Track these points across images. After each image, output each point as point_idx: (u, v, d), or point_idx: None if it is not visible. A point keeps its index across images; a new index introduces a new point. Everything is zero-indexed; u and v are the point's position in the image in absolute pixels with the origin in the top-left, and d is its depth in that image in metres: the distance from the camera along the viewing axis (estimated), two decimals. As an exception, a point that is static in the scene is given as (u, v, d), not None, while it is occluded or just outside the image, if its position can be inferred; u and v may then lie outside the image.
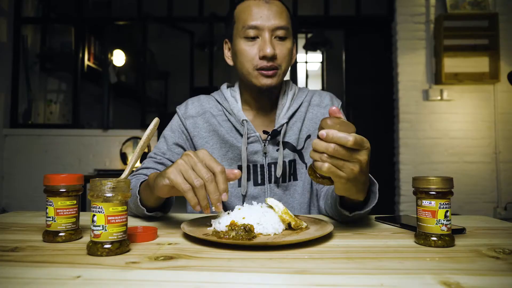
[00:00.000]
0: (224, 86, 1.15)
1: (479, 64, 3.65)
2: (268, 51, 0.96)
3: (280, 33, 0.99)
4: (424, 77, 3.69)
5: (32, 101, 4.10)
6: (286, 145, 1.07)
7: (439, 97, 3.64)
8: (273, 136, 1.05)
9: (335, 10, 4.07)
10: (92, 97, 4.56)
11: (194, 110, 1.11)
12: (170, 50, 5.21)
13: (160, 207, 0.90)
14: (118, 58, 4.39)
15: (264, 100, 1.07)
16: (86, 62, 4.17)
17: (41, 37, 4.25)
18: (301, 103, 1.10)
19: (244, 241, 0.61)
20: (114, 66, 4.39)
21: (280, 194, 1.06)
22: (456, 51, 3.61)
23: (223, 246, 0.62)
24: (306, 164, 1.08)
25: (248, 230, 0.64)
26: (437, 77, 3.61)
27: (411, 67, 3.70)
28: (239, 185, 1.06)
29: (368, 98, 4.01)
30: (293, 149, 1.08)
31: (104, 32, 4.23)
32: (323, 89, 5.21)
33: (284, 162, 1.06)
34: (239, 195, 1.06)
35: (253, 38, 1.00)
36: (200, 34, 4.43)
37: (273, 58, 0.98)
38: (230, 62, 1.09)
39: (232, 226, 0.66)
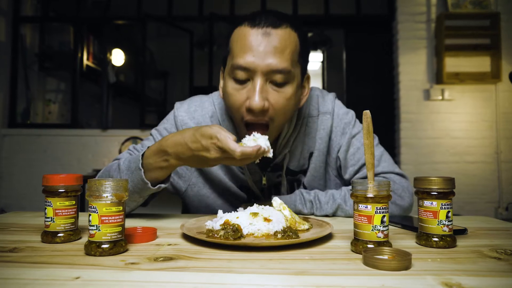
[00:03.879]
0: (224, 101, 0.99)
1: (481, 63, 3.65)
2: (255, 103, 0.79)
3: (278, 78, 0.81)
4: (425, 77, 3.69)
5: (30, 100, 4.10)
6: (287, 171, 1.02)
7: (440, 97, 3.64)
8: (274, 170, 1.01)
9: (335, 9, 4.07)
10: (91, 97, 4.56)
11: (196, 121, 1.01)
12: (169, 49, 5.21)
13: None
14: (117, 57, 4.40)
15: None
16: (85, 61, 4.17)
17: (40, 36, 4.25)
18: (302, 120, 1.00)
19: (229, 241, 0.62)
20: (113, 66, 4.39)
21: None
22: (458, 50, 3.61)
23: (223, 246, 0.62)
24: (303, 183, 1.03)
25: (235, 230, 0.64)
26: (438, 76, 3.61)
27: (412, 67, 3.70)
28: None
29: (369, 97, 4.01)
30: (293, 173, 1.03)
31: (103, 31, 4.23)
32: (323, 88, 5.21)
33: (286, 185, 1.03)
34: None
35: (243, 81, 0.83)
36: (200, 33, 4.43)
37: (263, 111, 0.82)
38: (221, 94, 0.94)
39: (225, 225, 0.67)
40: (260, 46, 0.80)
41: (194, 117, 1.01)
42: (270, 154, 0.74)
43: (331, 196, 0.96)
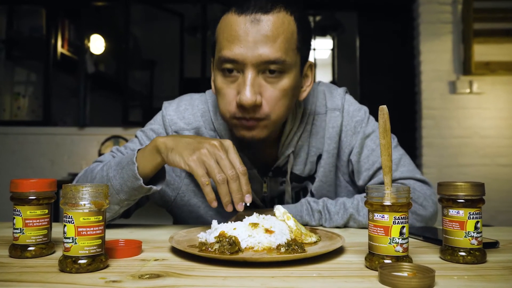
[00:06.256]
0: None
1: (514, 51, 3.65)
2: (246, 97, 0.81)
3: (271, 67, 0.83)
4: (450, 67, 3.69)
5: (-4, 94, 4.10)
6: (291, 176, 1.02)
7: (468, 90, 3.64)
8: (276, 173, 1.01)
9: (348, -11, 4.07)
10: (67, 90, 4.56)
11: (186, 121, 1.03)
12: (156, 35, 5.21)
13: (155, 178, 0.89)
14: (97, 44, 4.40)
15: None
16: (60, 49, 4.17)
17: (8, 20, 4.25)
18: (307, 117, 1.01)
19: (225, 256, 0.62)
20: (92, 54, 4.39)
21: None
22: (488, 36, 3.61)
23: (218, 262, 0.62)
24: (311, 191, 1.04)
25: (232, 243, 0.65)
26: (466, 66, 3.61)
27: (435, 55, 3.70)
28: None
29: (386, 91, 4.01)
30: (299, 179, 1.03)
31: (80, 14, 4.23)
32: (333, 80, 5.22)
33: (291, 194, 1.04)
34: None
35: (232, 72, 0.85)
36: (191, 17, 4.44)
37: (254, 107, 0.83)
38: (213, 90, 0.95)
39: (220, 237, 0.67)
40: (248, 35, 0.81)
41: (184, 116, 1.03)
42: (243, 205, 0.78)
43: (342, 205, 0.96)
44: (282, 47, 0.82)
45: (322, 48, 6.00)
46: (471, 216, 0.62)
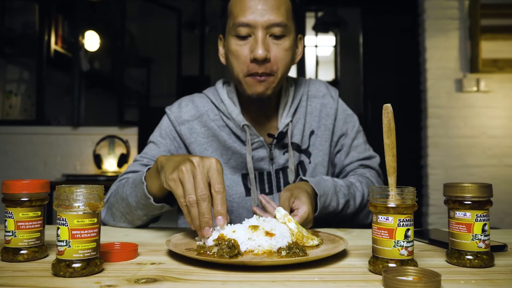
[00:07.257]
0: (219, 84, 1.19)
1: (523, 48, 3.65)
2: (260, 52, 1.01)
3: (276, 30, 1.03)
4: (457, 64, 3.69)
5: (-12, 92, 4.10)
6: (291, 146, 1.14)
7: (475, 88, 3.64)
8: (279, 139, 1.13)
9: (351, -16, 4.07)
10: (60, 88, 4.56)
11: (189, 113, 1.16)
12: (153, 32, 5.21)
13: (167, 196, 0.93)
14: (91, 41, 4.39)
15: (264, 101, 1.12)
16: (53, 46, 4.17)
17: (-1, 16, 4.25)
18: (301, 96, 1.19)
19: (224, 259, 0.62)
20: (87, 51, 4.39)
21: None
22: (496, 32, 3.61)
23: (217, 266, 0.62)
24: (311, 161, 1.18)
25: (231, 246, 0.65)
26: (473, 64, 3.61)
27: (441, 52, 3.70)
28: (247, 194, 1.12)
29: (390, 89, 4.01)
30: (298, 149, 1.16)
31: (75, 10, 4.23)
32: (336, 78, 5.23)
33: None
34: (247, 206, 1.11)
35: (245, 37, 1.04)
36: (189, 12, 4.44)
37: (265, 61, 1.02)
38: (223, 60, 1.15)
39: (219, 240, 0.67)
40: (258, 5, 1.02)
41: (187, 110, 1.16)
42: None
43: (347, 184, 1.11)
44: (284, 14, 1.04)
45: (324, 45, 6.00)
46: (479, 218, 0.62)
